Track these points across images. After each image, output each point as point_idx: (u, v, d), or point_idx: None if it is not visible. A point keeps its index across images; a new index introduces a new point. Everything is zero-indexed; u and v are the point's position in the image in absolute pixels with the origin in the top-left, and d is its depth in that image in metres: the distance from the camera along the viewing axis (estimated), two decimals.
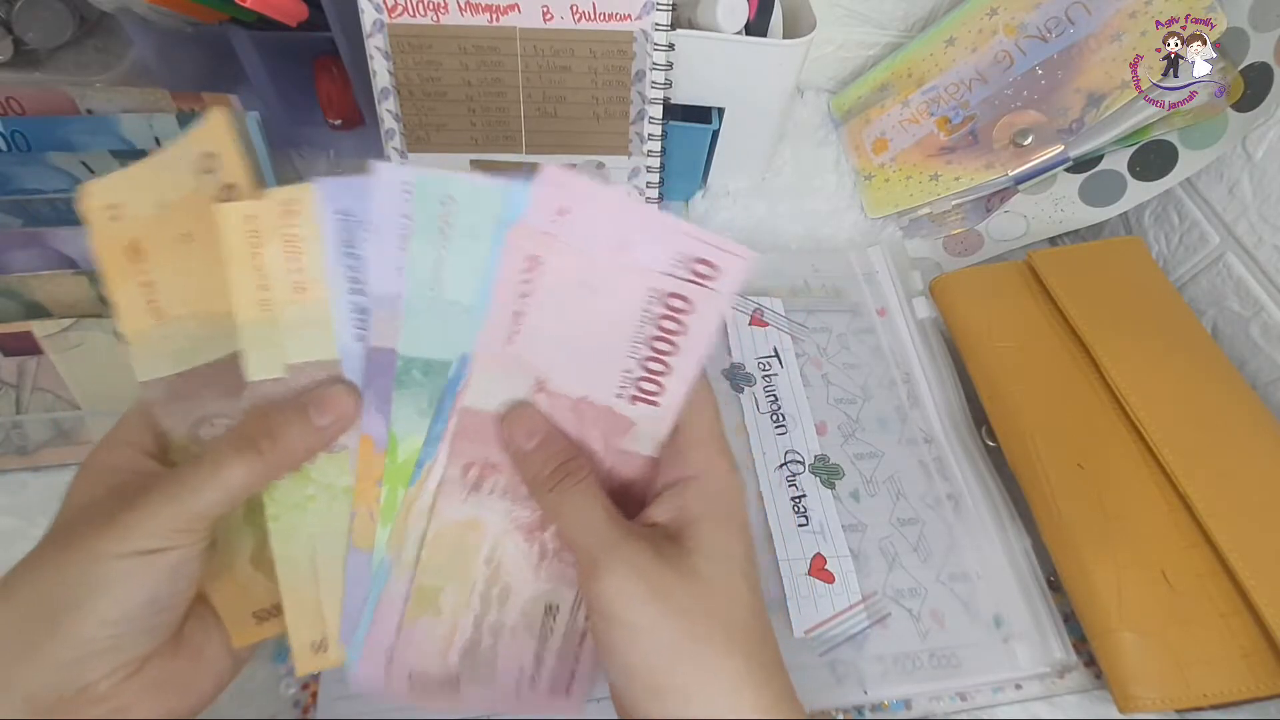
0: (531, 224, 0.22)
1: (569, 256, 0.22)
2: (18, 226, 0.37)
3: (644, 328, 0.23)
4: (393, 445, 0.24)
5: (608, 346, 0.23)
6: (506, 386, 0.24)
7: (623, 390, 0.24)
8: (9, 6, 0.47)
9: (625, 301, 0.23)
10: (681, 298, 0.22)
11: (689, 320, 0.23)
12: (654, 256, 0.22)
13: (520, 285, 0.22)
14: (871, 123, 0.60)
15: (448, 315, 0.23)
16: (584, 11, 0.43)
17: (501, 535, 0.26)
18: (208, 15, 0.44)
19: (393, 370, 0.24)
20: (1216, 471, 0.36)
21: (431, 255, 0.22)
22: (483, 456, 0.25)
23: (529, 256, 0.22)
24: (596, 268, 0.22)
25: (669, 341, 0.23)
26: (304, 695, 0.33)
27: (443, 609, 0.25)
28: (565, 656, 0.27)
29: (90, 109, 0.40)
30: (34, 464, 0.39)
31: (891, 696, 0.35)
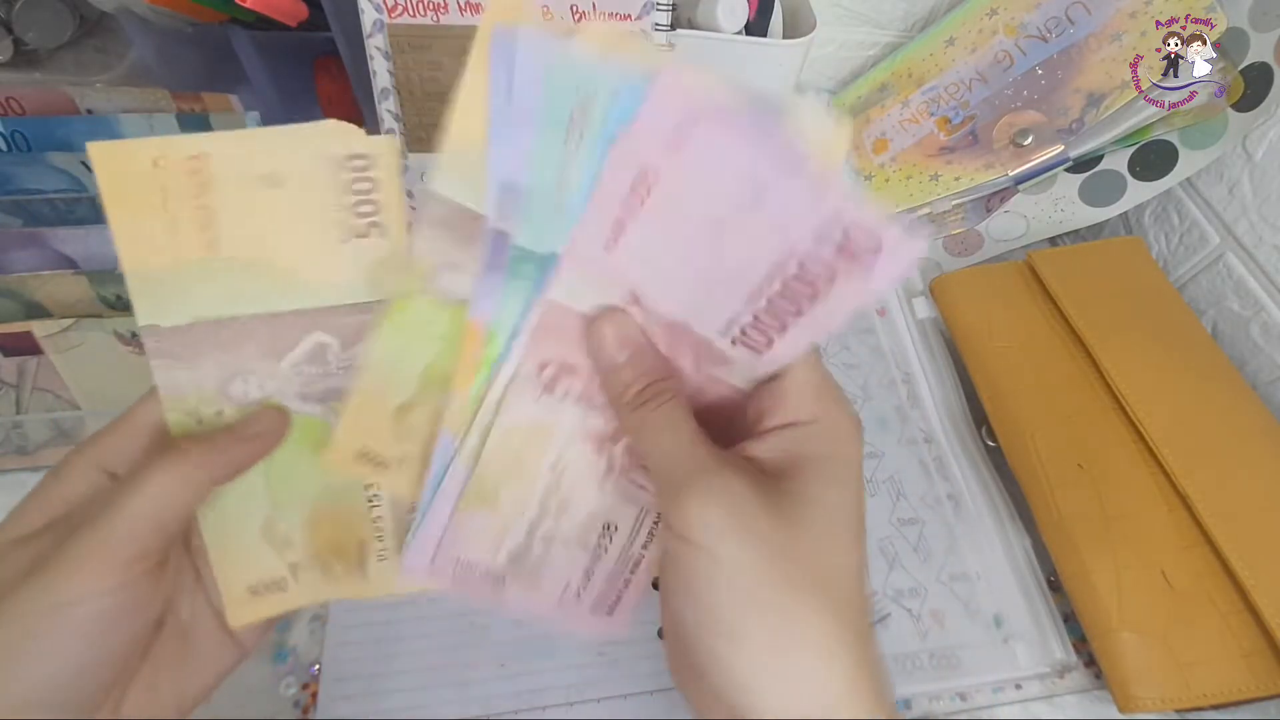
0: (645, 134, 0.19)
1: (692, 182, 0.19)
2: (18, 226, 0.37)
3: (769, 283, 0.20)
4: (491, 336, 0.23)
5: (720, 286, 0.21)
6: (597, 292, 0.22)
7: (726, 330, 0.22)
8: (9, 6, 0.47)
9: (753, 251, 0.20)
10: (824, 263, 0.19)
11: (825, 288, 0.20)
12: (799, 211, 0.18)
13: (629, 194, 0.20)
14: (871, 123, 0.60)
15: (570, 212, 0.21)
16: (584, 11, 0.43)
17: (570, 442, 0.24)
18: (208, 15, 0.44)
19: (506, 257, 0.22)
20: (1216, 471, 0.36)
21: (558, 148, 0.20)
22: (561, 356, 0.23)
23: (640, 167, 0.19)
24: (724, 204, 0.19)
25: (793, 303, 0.20)
26: (304, 695, 0.33)
27: (500, 505, 0.24)
28: (615, 579, 0.25)
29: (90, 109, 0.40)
30: (34, 464, 0.39)
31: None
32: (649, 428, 0.22)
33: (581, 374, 0.23)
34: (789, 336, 0.21)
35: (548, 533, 0.25)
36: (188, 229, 0.22)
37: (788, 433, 0.22)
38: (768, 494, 0.20)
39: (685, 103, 0.18)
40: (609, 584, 0.26)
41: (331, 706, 0.33)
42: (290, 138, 0.22)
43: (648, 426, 0.22)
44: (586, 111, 0.19)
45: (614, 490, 0.25)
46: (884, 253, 0.19)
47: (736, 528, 0.19)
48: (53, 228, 0.36)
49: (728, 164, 0.19)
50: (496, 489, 0.24)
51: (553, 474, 0.24)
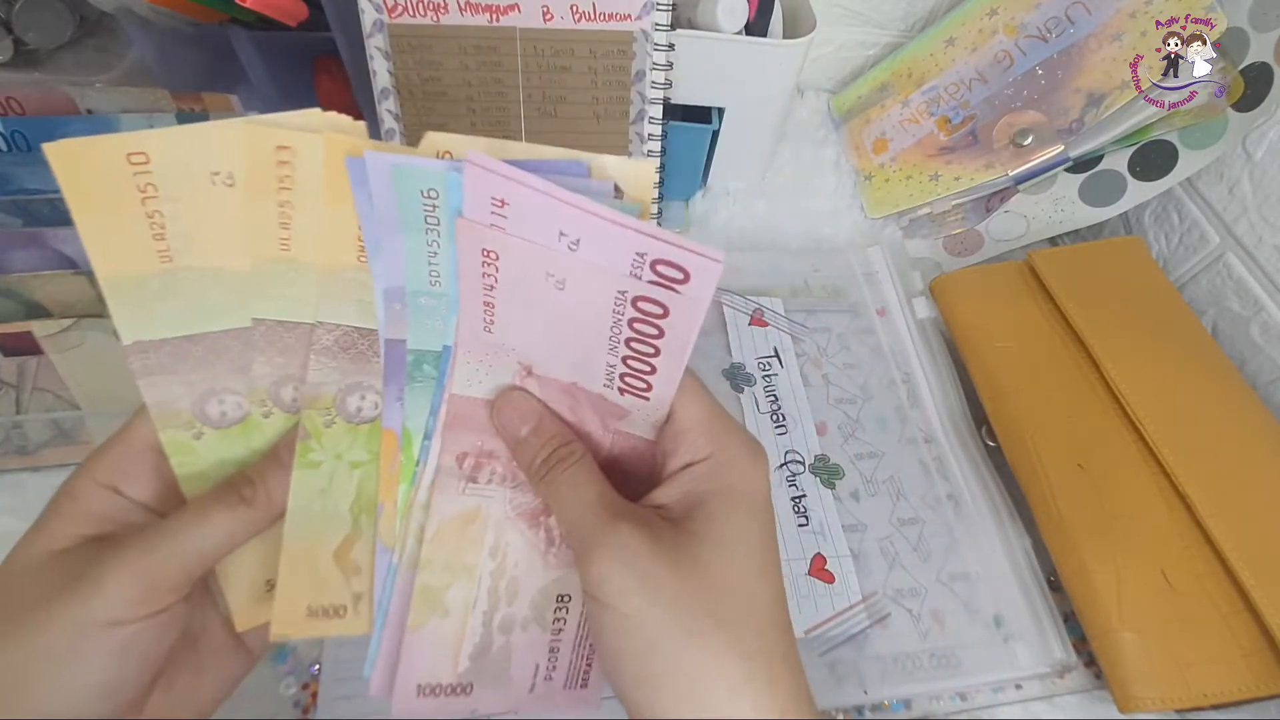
0: (473, 216, 0.20)
1: (521, 249, 0.20)
2: (18, 226, 0.37)
3: (618, 329, 0.21)
4: (407, 441, 0.24)
5: (585, 341, 0.22)
6: (493, 373, 0.23)
7: (610, 382, 0.23)
8: (9, 6, 0.47)
9: (593, 300, 0.21)
10: (653, 301, 0.20)
11: (665, 324, 0.21)
12: (611, 255, 0.20)
13: (482, 278, 0.21)
14: (871, 123, 0.60)
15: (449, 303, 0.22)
16: (584, 11, 0.43)
17: (504, 523, 0.25)
18: (208, 15, 0.44)
19: (404, 363, 0.23)
20: (1216, 471, 0.36)
21: (422, 248, 0.21)
22: (477, 445, 0.24)
23: (482, 249, 0.20)
24: (555, 262, 0.20)
25: (647, 344, 0.22)
26: (304, 695, 0.33)
27: (450, 609, 0.25)
28: (580, 646, 0.26)
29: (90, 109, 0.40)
30: (34, 464, 0.39)
31: (891, 696, 0.35)
32: (556, 492, 0.23)
33: (500, 456, 0.24)
34: (660, 375, 0.22)
35: (505, 620, 0.25)
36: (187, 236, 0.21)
37: (686, 474, 0.23)
38: (665, 542, 0.21)
39: (490, 184, 0.19)
40: (576, 653, 0.26)
41: (331, 706, 0.33)
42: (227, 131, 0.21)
43: (555, 491, 0.23)
44: (437, 207, 0.21)
45: (558, 560, 0.25)
46: (692, 277, 0.20)
47: (633, 582, 0.20)
48: (53, 228, 0.36)
49: (538, 226, 0.20)
50: (443, 591, 0.24)
51: (495, 559, 0.25)
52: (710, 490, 0.22)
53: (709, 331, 0.46)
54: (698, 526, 0.22)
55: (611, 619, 0.21)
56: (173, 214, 0.21)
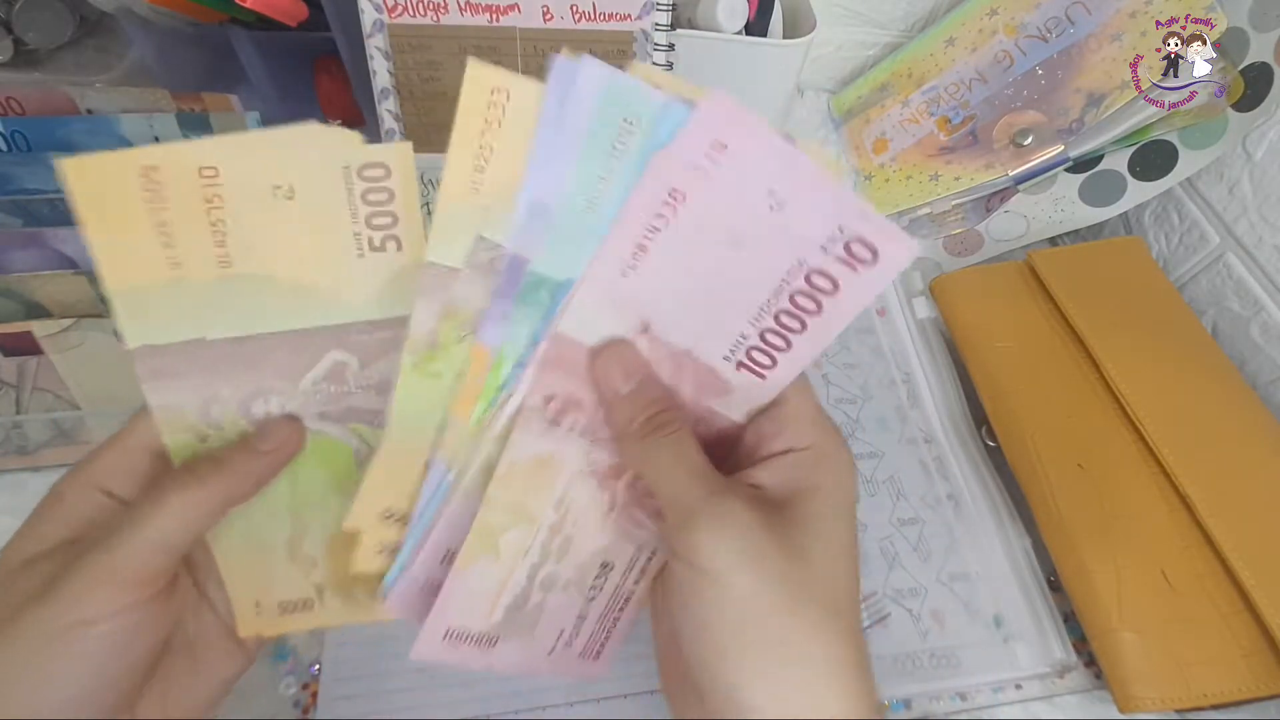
0: (681, 153, 0.19)
1: (717, 198, 0.20)
2: (18, 226, 0.37)
3: (777, 298, 0.21)
4: (498, 363, 0.22)
5: (730, 306, 0.21)
6: (608, 321, 0.22)
7: (731, 354, 0.22)
8: (9, 6, 0.47)
9: (766, 265, 0.20)
10: (828, 276, 0.20)
11: (828, 302, 0.20)
12: (812, 222, 0.19)
13: (653, 217, 0.20)
14: (871, 123, 0.60)
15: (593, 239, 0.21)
16: (584, 11, 0.43)
17: (576, 476, 0.24)
18: (208, 15, 0.44)
19: (519, 283, 0.22)
20: (1216, 471, 0.36)
21: (596, 173, 0.20)
22: (567, 390, 0.23)
23: (671, 189, 0.20)
24: (744, 219, 0.20)
25: (798, 319, 0.21)
26: (304, 695, 0.33)
27: (501, 552, 0.23)
28: (604, 620, 0.25)
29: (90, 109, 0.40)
30: (34, 464, 0.39)
31: (891, 696, 0.35)
32: (656, 457, 0.22)
33: (586, 408, 0.23)
34: (792, 354, 0.22)
35: (548, 577, 0.24)
36: (195, 244, 0.21)
37: (789, 459, 0.23)
38: (773, 522, 0.21)
39: (720, 125, 0.19)
40: (599, 626, 0.25)
41: (331, 706, 0.33)
42: (301, 146, 0.21)
43: (655, 456, 0.22)
44: (630, 135, 0.20)
45: (613, 527, 0.25)
46: (880, 257, 0.19)
47: (746, 555, 0.20)
48: (53, 228, 0.36)
49: (751, 179, 0.19)
50: (499, 535, 0.23)
51: (558, 512, 0.24)
52: (811, 481, 0.22)
53: None
54: (800, 516, 0.21)
55: (712, 589, 0.20)
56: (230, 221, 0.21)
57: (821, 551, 0.21)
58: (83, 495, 0.22)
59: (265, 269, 0.22)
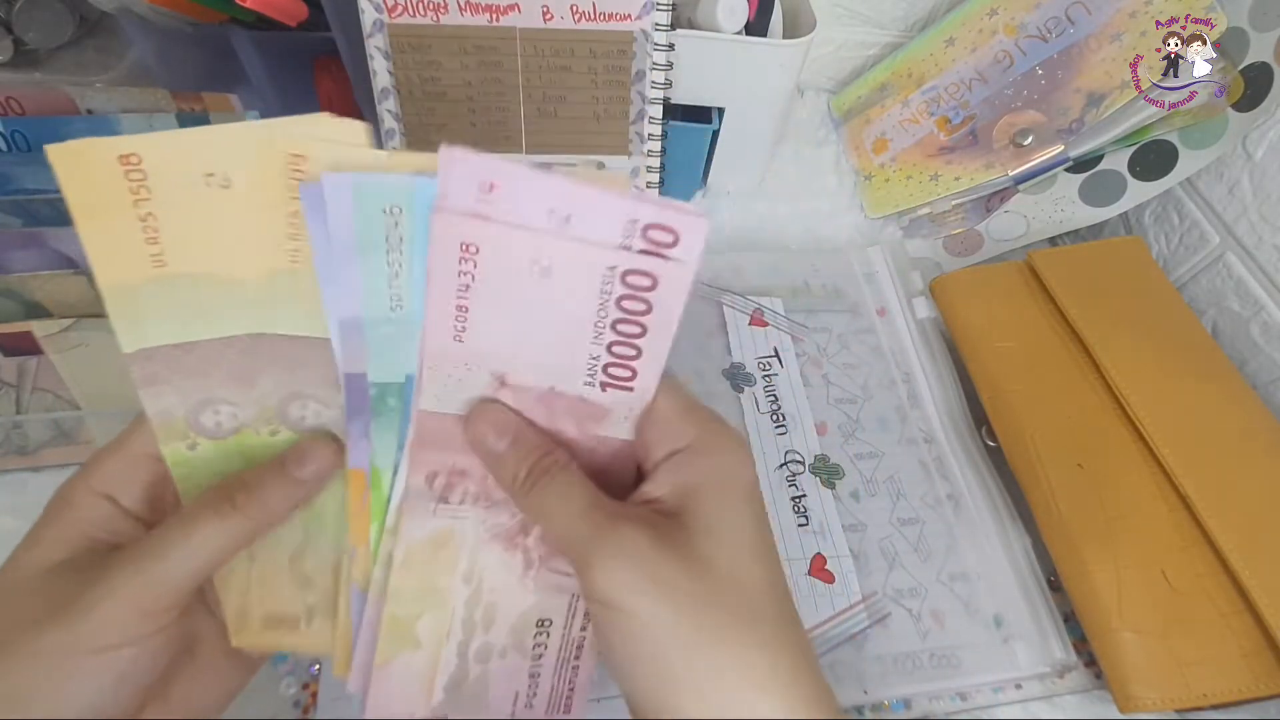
0: (455, 206, 0.19)
1: (507, 235, 0.19)
2: (18, 226, 0.37)
3: (605, 311, 0.21)
4: (376, 479, 0.23)
5: (568, 335, 0.21)
6: (464, 386, 0.22)
7: (592, 377, 0.22)
8: (9, 6, 0.47)
9: (580, 284, 0.20)
10: (642, 273, 0.20)
11: (653, 297, 0.20)
12: (602, 228, 0.19)
13: (458, 276, 0.20)
14: (871, 123, 0.60)
15: (412, 328, 0.21)
16: (584, 11, 0.43)
17: (478, 547, 0.23)
18: (208, 15, 0.44)
19: (368, 397, 0.22)
20: (1216, 471, 0.36)
21: (382, 271, 0.20)
22: (447, 464, 0.23)
23: (461, 243, 0.19)
24: (541, 248, 0.20)
25: (635, 323, 0.21)
26: (304, 695, 0.33)
27: (421, 640, 0.23)
28: (562, 671, 0.25)
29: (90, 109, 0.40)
30: (34, 464, 0.39)
31: (891, 696, 0.35)
32: (544, 505, 0.22)
33: (473, 474, 0.23)
34: (645, 358, 0.21)
35: (481, 650, 0.24)
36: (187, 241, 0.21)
37: (672, 463, 0.22)
38: (666, 538, 0.20)
39: (478, 170, 0.19)
40: (558, 678, 0.25)
41: (331, 706, 0.33)
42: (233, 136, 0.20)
43: (542, 503, 0.22)
44: (399, 224, 0.20)
45: (537, 584, 0.24)
46: (680, 235, 0.19)
47: (644, 584, 0.20)
48: (53, 228, 0.36)
49: (530, 206, 0.19)
50: (413, 622, 0.23)
51: (469, 585, 0.24)
52: (700, 478, 0.22)
53: (710, 332, 0.46)
54: (694, 519, 0.21)
55: (623, 623, 0.20)
56: (165, 218, 0.20)
57: (725, 556, 0.20)
58: (90, 501, 0.22)
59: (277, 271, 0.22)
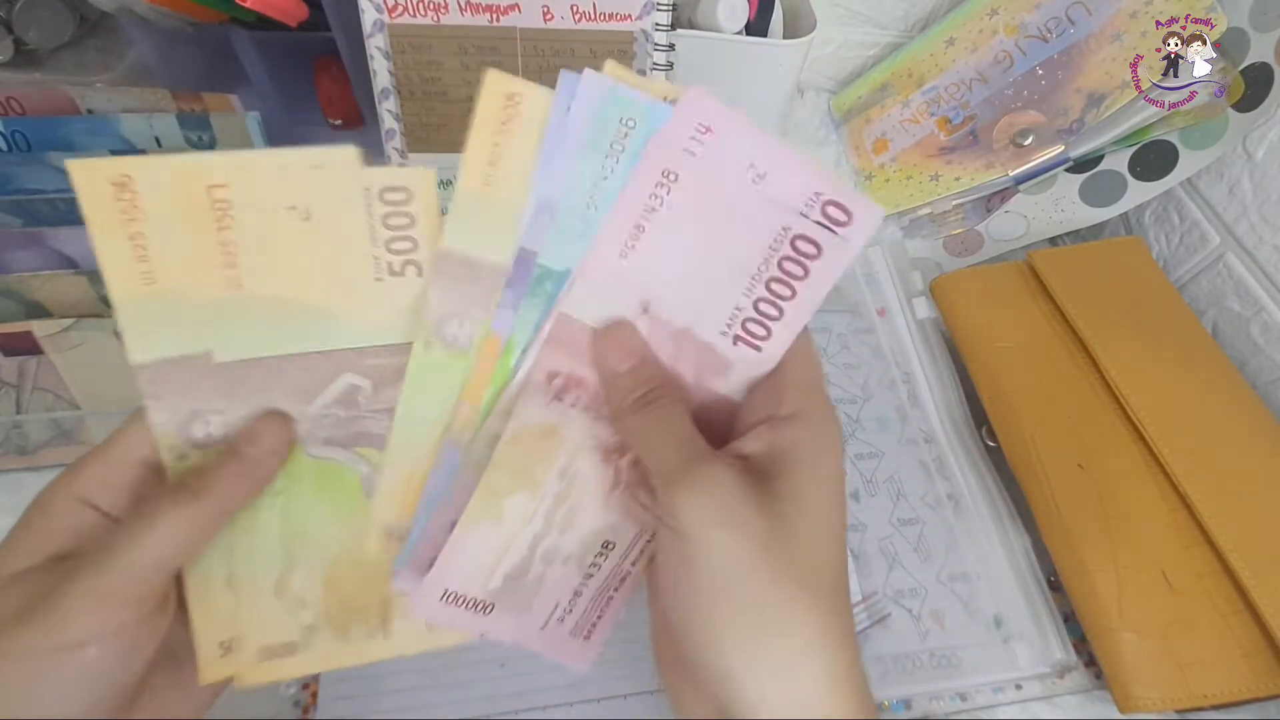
0: (672, 137, 0.21)
1: (705, 175, 0.21)
2: (18, 226, 0.37)
3: (766, 266, 0.22)
4: (508, 350, 0.23)
5: (725, 278, 0.23)
6: (610, 301, 0.23)
7: (728, 328, 0.23)
8: (9, 6, 0.47)
9: (753, 234, 0.22)
10: (810, 241, 0.22)
11: (812, 266, 0.22)
12: (790, 190, 0.21)
13: (649, 199, 0.22)
14: (872, 123, 0.60)
15: (592, 231, 0.22)
16: (584, 11, 0.43)
17: (580, 449, 0.24)
18: (208, 15, 0.44)
19: (530, 275, 0.23)
20: (1216, 471, 0.36)
21: (597, 172, 0.22)
22: (570, 368, 0.23)
23: (665, 169, 0.21)
24: (731, 193, 0.22)
25: (787, 285, 0.22)
26: (304, 695, 0.33)
27: (505, 515, 0.24)
28: (599, 599, 0.25)
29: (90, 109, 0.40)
30: (34, 464, 0.39)
31: (891, 696, 0.35)
32: (646, 429, 0.22)
33: (589, 386, 0.24)
34: (785, 321, 0.23)
35: (550, 549, 0.24)
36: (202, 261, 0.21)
37: (773, 425, 0.22)
38: (756, 488, 0.21)
39: (704, 112, 0.21)
40: (592, 605, 0.25)
41: (331, 706, 0.33)
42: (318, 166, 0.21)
43: (645, 428, 0.22)
44: (627, 137, 0.21)
45: (617, 505, 0.25)
46: (854, 221, 0.22)
47: (724, 518, 0.20)
48: (53, 228, 0.36)
49: (735, 156, 0.21)
50: (503, 498, 0.24)
51: (562, 482, 0.24)
52: (795, 449, 0.22)
53: None
54: (782, 484, 0.21)
55: (693, 552, 0.20)
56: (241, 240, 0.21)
57: (806, 527, 0.21)
58: (67, 507, 0.21)
59: (278, 290, 0.22)
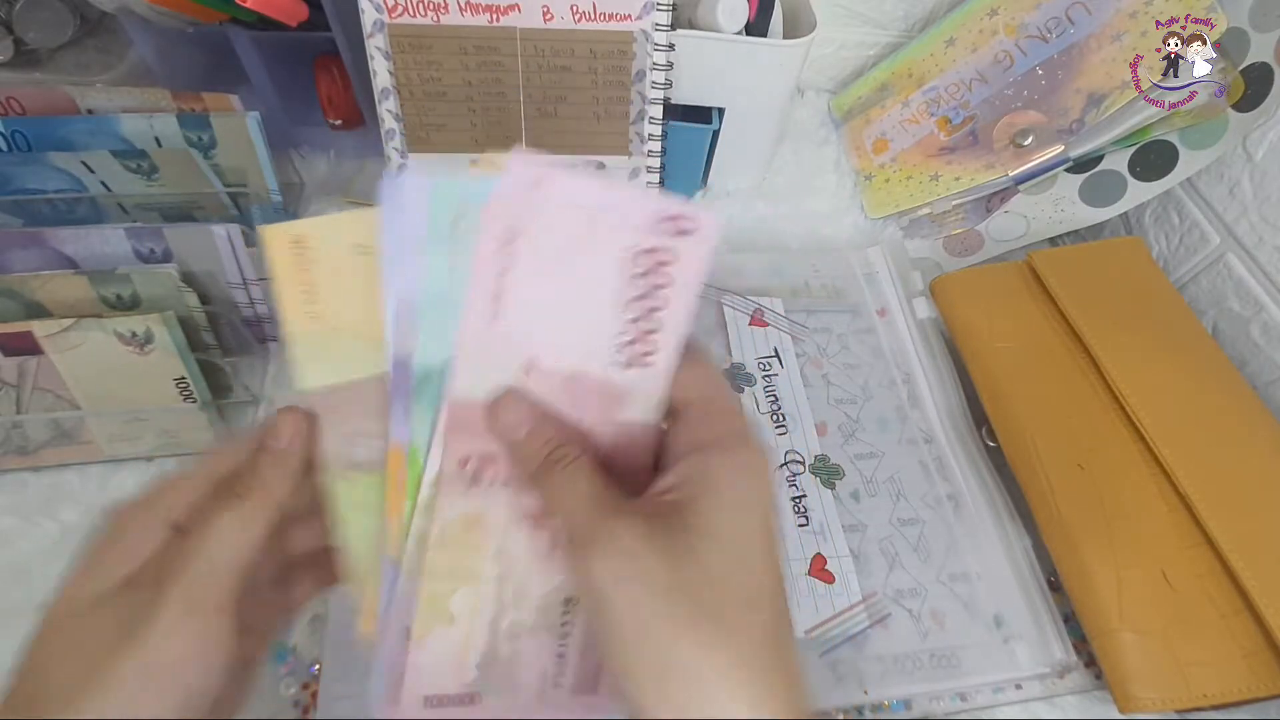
0: (505, 200, 0.22)
1: (546, 227, 0.22)
2: (18, 226, 0.37)
3: (629, 286, 0.23)
4: (413, 456, 0.24)
5: (594, 313, 0.23)
6: (494, 372, 0.23)
7: (616, 357, 0.23)
8: (9, 6, 0.47)
9: (605, 263, 0.22)
10: (664, 250, 0.22)
11: (673, 271, 0.23)
12: (628, 216, 0.22)
13: (499, 261, 0.22)
14: (872, 123, 0.61)
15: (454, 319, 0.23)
16: (584, 11, 0.43)
17: (507, 527, 0.25)
18: (208, 15, 0.44)
19: (410, 377, 0.23)
20: (1216, 471, 0.36)
21: (443, 261, 0.22)
22: (479, 449, 0.24)
23: (505, 231, 0.22)
24: (573, 233, 0.22)
25: (654, 297, 0.23)
26: (304, 695, 0.33)
27: (455, 616, 0.25)
28: (589, 650, 0.26)
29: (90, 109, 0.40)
30: (34, 464, 0.39)
31: (892, 696, 0.35)
32: (552, 491, 0.23)
33: (502, 459, 0.24)
34: (666, 330, 0.23)
35: (512, 627, 0.25)
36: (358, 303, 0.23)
37: (689, 458, 0.23)
38: (660, 534, 0.21)
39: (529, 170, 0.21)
40: (585, 658, 0.26)
41: (331, 706, 0.33)
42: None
43: (551, 490, 0.23)
44: (464, 219, 0.22)
45: (563, 565, 0.25)
46: (698, 224, 0.22)
47: (628, 573, 0.20)
48: (53, 228, 0.36)
49: (568, 200, 0.22)
50: (447, 599, 0.24)
51: (499, 564, 0.25)
52: (710, 477, 0.22)
53: (710, 332, 0.46)
54: (696, 516, 0.21)
55: (607, 611, 0.20)
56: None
57: (716, 559, 0.21)
58: (148, 530, 0.22)
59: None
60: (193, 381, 0.38)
